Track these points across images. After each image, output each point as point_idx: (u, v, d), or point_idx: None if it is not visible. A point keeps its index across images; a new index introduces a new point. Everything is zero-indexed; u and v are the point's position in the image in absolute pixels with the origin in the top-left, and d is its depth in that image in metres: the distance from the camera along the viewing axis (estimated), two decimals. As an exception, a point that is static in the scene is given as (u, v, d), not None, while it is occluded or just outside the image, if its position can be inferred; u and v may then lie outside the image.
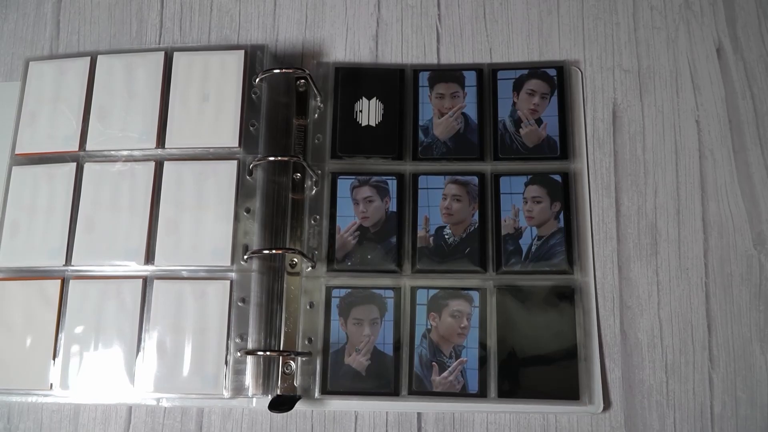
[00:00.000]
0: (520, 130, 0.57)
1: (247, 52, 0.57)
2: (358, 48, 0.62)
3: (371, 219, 0.56)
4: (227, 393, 0.51)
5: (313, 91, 0.58)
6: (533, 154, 0.57)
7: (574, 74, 0.59)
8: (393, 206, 0.56)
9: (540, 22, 0.61)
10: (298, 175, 0.58)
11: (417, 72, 0.60)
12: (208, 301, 0.53)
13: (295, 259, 0.56)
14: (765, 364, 0.52)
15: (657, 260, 0.55)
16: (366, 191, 0.57)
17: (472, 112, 0.58)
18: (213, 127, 0.56)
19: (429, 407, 0.53)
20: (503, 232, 0.55)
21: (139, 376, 0.52)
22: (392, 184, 0.57)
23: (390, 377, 0.53)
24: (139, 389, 0.52)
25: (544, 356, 0.52)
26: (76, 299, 0.54)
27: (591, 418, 0.52)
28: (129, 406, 0.55)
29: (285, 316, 0.55)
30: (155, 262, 0.54)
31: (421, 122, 0.58)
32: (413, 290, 0.54)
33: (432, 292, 0.54)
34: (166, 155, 0.56)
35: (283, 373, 0.53)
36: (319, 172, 0.57)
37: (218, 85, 0.57)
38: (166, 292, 0.53)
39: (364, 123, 0.58)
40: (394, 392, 0.52)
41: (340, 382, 0.53)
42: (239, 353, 0.52)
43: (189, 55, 0.58)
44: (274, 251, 0.54)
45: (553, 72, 0.59)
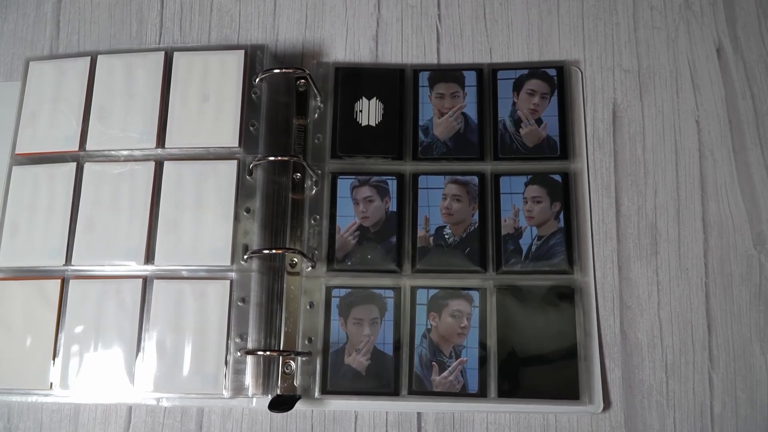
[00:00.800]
0: (520, 130, 0.57)
1: (247, 52, 0.57)
2: (358, 48, 0.62)
3: (371, 219, 0.56)
4: (227, 393, 0.51)
5: (313, 91, 0.58)
6: (533, 154, 0.57)
7: (574, 74, 0.59)
8: (393, 206, 0.56)
9: (540, 22, 0.61)
10: (298, 175, 0.58)
11: (417, 72, 0.60)
12: (208, 301, 0.53)
13: (295, 259, 0.56)
14: (765, 364, 0.52)
15: (657, 260, 0.55)
16: (366, 191, 0.57)
17: (472, 112, 0.58)
18: (213, 127, 0.56)
19: (429, 407, 0.53)
20: (503, 232, 0.55)
21: (139, 375, 0.52)
22: (392, 184, 0.57)
23: (390, 377, 0.53)
24: (139, 389, 0.52)
25: (544, 356, 0.52)
26: (76, 299, 0.54)
27: (591, 418, 0.52)
28: (129, 406, 0.55)
29: (285, 316, 0.55)
30: (155, 262, 0.54)
31: (421, 122, 0.58)
32: (413, 290, 0.54)
33: (432, 291, 0.54)
34: (166, 155, 0.56)
35: (283, 373, 0.53)
36: (319, 172, 0.57)
37: (218, 85, 0.57)
38: (166, 292, 0.53)
39: (364, 123, 0.58)
40: (394, 392, 0.52)
41: (340, 382, 0.53)
42: (239, 353, 0.52)
43: (189, 55, 0.58)
44: (274, 251, 0.54)
45: (553, 72, 0.59)
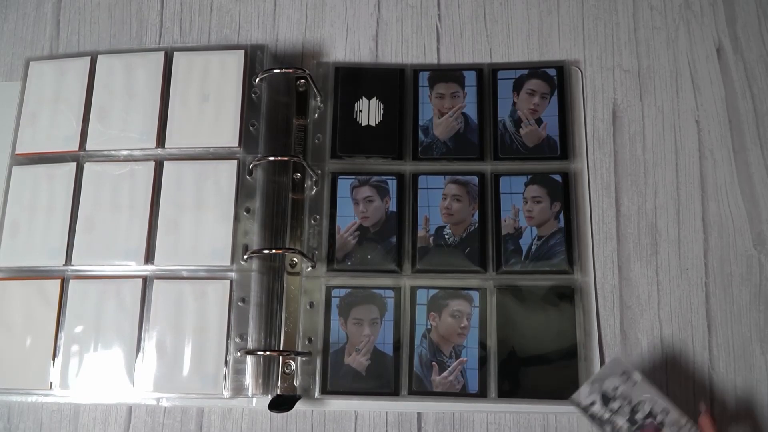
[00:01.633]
0: (520, 130, 0.57)
1: (247, 52, 0.57)
2: (358, 48, 0.62)
3: (371, 219, 0.56)
4: (227, 393, 0.51)
5: (313, 91, 0.58)
6: (533, 154, 0.57)
7: (574, 74, 0.59)
8: (393, 206, 0.56)
9: (540, 22, 0.61)
10: (298, 175, 0.58)
11: (417, 72, 0.60)
12: (208, 301, 0.53)
13: (295, 259, 0.56)
14: (765, 364, 0.52)
15: (657, 260, 0.55)
16: (366, 191, 0.57)
17: (472, 112, 0.58)
18: (213, 127, 0.56)
19: (429, 407, 0.53)
20: (503, 232, 0.55)
21: (139, 375, 0.52)
22: (392, 184, 0.57)
23: (390, 377, 0.53)
24: (139, 389, 0.52)
25: (544, 356, 0.52)
26: (75, 299, 0.54)
27: (591, 418, 0.52)
28: (129, 406, 0.55)
29: (285, 316, 0.55)
30: (155, 262, 0.54)
31: (421, 122, 0.58)
32: (413, 290, 0.54)
33: (432, 292, 0.54)
34: (166, 155, 0.56)
35: (283, 373, 0.53)
36: (319, 172, 0.57)
37: (218, 85, 0.57)
38: (166, 292, 0.53)
39: (364, 123, 0.58)
40: (394, 392, 0.52)
41: (340, 382, 0.53)
42: (239, 353, 0.52)
43: (189, 55, 0.58)
44: (274, 251, 0.54)
45: (553, 72, 0.59)
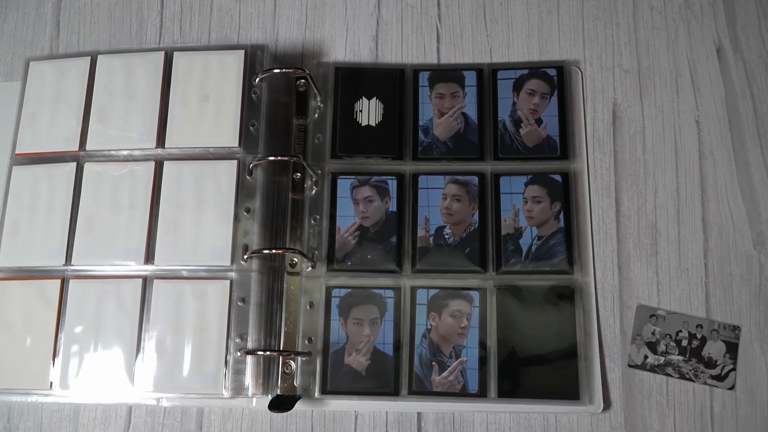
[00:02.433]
0: (520, 130, 0.57)
1: (247, 52, 0.57)
2: (358, 48, 0.62)
3: (371, 219, 0.56)
4: (227, 393, 0.51)
5: (313, 91, 0.58)
6: (533, 154, 0.57)
7: (574, 74, 0.59)
8: (393, 206, 0.56)
9: (540, 22, 0.61)
10: (298, 175, 0.58)
11: (417, 72, 0.60)
12: (208, 301, 0.53)
13: (295, 259, 0.56)
14: (765, 364, 0.52)
15: (657, 260, 0.55)
16: (366, 191, 0.57)
17: (472, 112, 0.58)
18: (213, 127, 0.56)
19: (429, 407, 0.53)
20: (503, 232, 0.55)
21: (139, 376, 0.52)
22: (392, 184, 0.57)
23: (390, 377, 0.53)
24: (139, 389, 0.52)
25: (544, 356, 0.52)
26: (75, 299, 0.54)
27: (591, 418, 0.52)
28: (129, 406, 0.55)
29: (285, 316, 0.55)
30: (155, 262, 0.54)
31: (421, 122, 0.58)
32: (413, 290, 0.54)
33: (432, 292, 0.54)
34: (166, 155, 0.56)
35: (283, 373, 0.53)
36: (319, 172, 0.57)
37: (218, 85, 0.57)
38: (166, 292, 0.53)
39: (364, 123, 0.58)
40: (394, 392, 0.52)
41: (340, 382, 0.53)
42: (239, 353, 0.52)
43: (189, 55, 0.58)
44: (274, 251, 0.54)
45: (553, 72, 0.59)
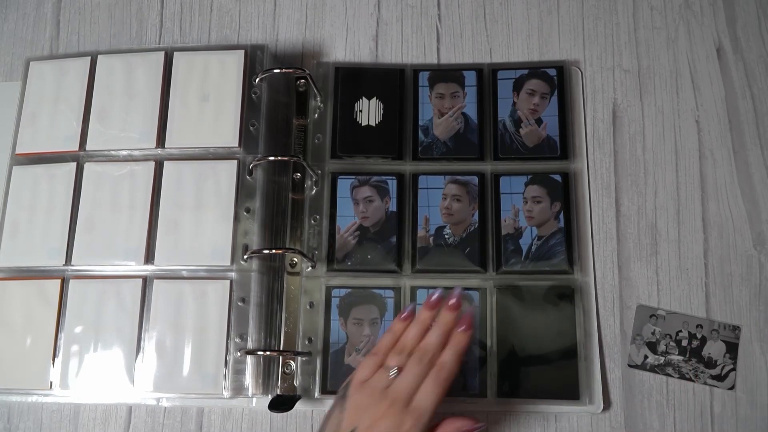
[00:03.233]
0: (520, 130, 0.57)
1: (247, 52, 0.57)
2: (358, 48, 0.62)
3: (371, 219, 0.56)
4: (227, 393, 0.51)
5: (313, 91, 0.58)
6: (533, 154, 0.57)
7: (574, 74, 0.59)
8: (393, 206, 0.56)
9: (540, 22, 0.61)
10: (298, 175, 0.58)
11: (417, 72, 0.60)
12: (208, 301, 0.53)
13: (295, 259, 0.56)
14: (765, 364, 0.52)
15: (657, 260, 0.55)
16: (366, 191, 0.57)
17: (472, 112, 0.58)
18: (213, 127, 0.56)
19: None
20: (503, 232, 0.55)
21: (139, 376, 0.52)
22: (392, 184, 0.57)
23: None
24: (139, 389, 0.52)
25: (544, 356, 0.52)
26: (75, 299, 0.54)
27: (591, 418, 0.52)
28: (129, 406, 0.55)
29: (285, 316, 0.55)
30: (155, 262, 0.54)
31: (421, 122, 0.58)
32: (413, 290, 0.54)
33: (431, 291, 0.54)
34: (166, 155, 0.56)
35: (283, 373, 0.53)
36: (319, 172, 0.57)
37: (218, 85, 0.57)
38: (165, 292, 0.53)
39: (364, 123, 0.58)
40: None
41: (340, 382, 0.53)
42: (239, 353, 0.52)
43: (189, 55, 0.58)
44: (274, 251, 0.54)
45: (553, 72, 0.59)
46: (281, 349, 0.54)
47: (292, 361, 0.53)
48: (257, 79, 0.56)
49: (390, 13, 0.63)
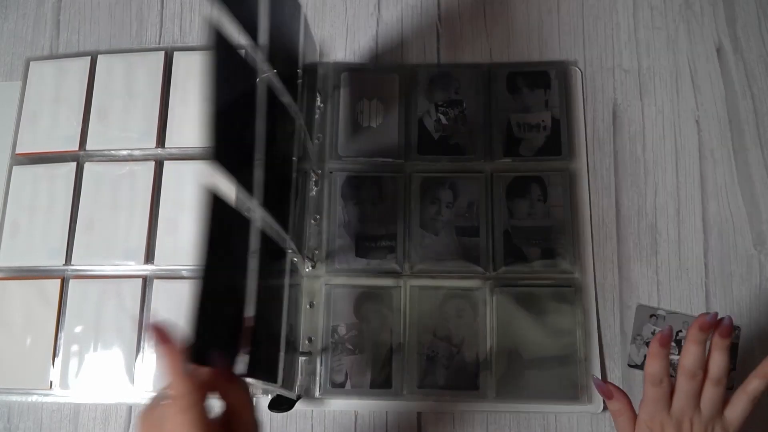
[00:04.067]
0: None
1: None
2: (358, 48, 0.62)
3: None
4: (227, 393, 0.51)
5: (306, 91, 0.58)
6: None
7: (574, 74, 0.59)
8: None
9: (540, 22, 0.61)
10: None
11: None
12: (208, 300, 0.53)
13: (295, 259, 0.56)
14: (765, 364, 0.52)
15: (657, 260, 0.55)
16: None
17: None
18: (213, 127, 0.56)
19: (429, 407, 0.53)
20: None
21: (139, 375, 0.52)
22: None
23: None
24: (139, 389, 0.52)
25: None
26: (75, 299, 0.54)
27: (591, 418, 0.52)
28: (129, 406, 0.55)
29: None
30: (155, 262, 0.54)
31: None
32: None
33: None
34: (166, 155, 0.56)
35: (283, 372, 0.53)
36: (319, 171, 0.57)
37: (218, 85, 0.57)
38: (166, 292, 0.53)
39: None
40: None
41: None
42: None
43: (189, 55, 0.58)
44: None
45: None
46: (281, 349, 0.54)
47: (292, 361, 0.53)
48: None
49: (390, 13, 0.63)
